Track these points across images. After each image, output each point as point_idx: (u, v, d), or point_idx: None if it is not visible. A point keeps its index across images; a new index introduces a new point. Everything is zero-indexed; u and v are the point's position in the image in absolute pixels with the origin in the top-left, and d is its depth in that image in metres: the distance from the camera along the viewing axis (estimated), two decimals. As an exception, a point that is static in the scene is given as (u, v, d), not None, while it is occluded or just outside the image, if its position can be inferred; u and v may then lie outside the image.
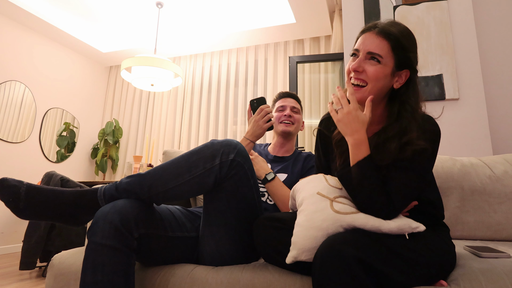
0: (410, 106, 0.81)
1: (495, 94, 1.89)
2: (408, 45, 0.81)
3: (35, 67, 3.71)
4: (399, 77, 0.83)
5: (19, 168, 3.48)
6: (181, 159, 0.90)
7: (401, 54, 0.80)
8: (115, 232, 0.78)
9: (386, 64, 0.80)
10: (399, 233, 0.71)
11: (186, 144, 4.02)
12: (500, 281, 0.69)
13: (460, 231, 1.27)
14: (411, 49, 0.82)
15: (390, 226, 0.71)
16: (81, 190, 0.87)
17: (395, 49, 0.80)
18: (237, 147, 0.92)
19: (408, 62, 0.82)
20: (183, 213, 1.04)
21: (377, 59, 0.80)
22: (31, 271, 2.48)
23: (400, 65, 0.81)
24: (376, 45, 0.80)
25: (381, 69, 0.80)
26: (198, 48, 4.07)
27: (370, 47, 0.81)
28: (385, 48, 0.80)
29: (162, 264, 0.95)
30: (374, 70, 0.80)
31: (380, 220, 0.71)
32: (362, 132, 0.78)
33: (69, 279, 0.97)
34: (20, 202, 0.81)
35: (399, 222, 0.72)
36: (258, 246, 0.86)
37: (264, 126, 1.21)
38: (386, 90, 0.84)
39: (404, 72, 0.82)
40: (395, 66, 0.81)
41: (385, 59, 0.80)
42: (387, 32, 0.80)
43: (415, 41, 0.84)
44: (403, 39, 0.80)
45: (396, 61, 0.80)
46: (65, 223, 0.87)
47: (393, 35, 0.80)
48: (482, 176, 1.30)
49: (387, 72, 0.81)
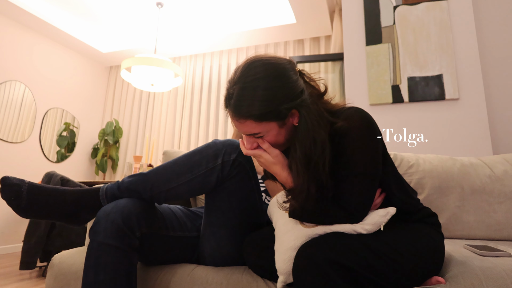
0: (306, 141, 0.72)
1: (495, 94, 1.89)
2: (270, 105, 0.69)
3: (35, 67, 3.71)
4: (292, 118, 0.75)
5: (19, 168, 3.48)
6: (183, 158, 0.90)
7: (272, 116, 0.70)
8: (117, 231, 0.78)
9: (269, 130, 0.73)
10: (375, 228, 0.70)
11: (186, 144, 4.02)
12: (501, 280, 0.70)
13: (460, 230, 1.27)
14: (277, 102, 0.70)
15: (364, 225, 0.70)
16: (82, 189, 0.88)
17: (263, 119, 0.70)
18: (239, 147, 0.93)
19: (285, 111, 0.71)
20: (184, 213, 1.05)
21: (259, 136, 0.75)
22: (31, 271, 2.48)
23: (280, 118, 0.71)
24: (245, 129, 0.74)
25: (268, 136, 0.74)
26: (198, 48, 4.07)
27: (242, 131, 0.75)
28: (253, 125, 0.72)
29: (163, 264, 0.95)
30: (265, 142, 0.76)
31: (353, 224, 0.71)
32: (282, 171, 0.77)
33: (69, 279, 0.97)
34: (22, 200, 0.81)
35: (368, 219, 0.71)
36: (251, 268, 0.86)
37: None
38: (290, 134, 0.77)
39: (293, 111, 0.73)
40: (278, 122, 0.72)
41: (263, 130, 0.73)
42: (241, 114, 0.71)
43: (278, 82, 0.70)
44: (260, 108, 0.69)
45: (275, 120, 0.71)
46: (67, 222, 0.87)
47: (248, 113, 0.70)
48: (482, 176, 1.30)
49: (276, 132, 0.74)
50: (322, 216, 0.73)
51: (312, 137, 0.71)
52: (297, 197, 0.73)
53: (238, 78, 0.72)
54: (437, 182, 1.30)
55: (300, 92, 0.72)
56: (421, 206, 0.84)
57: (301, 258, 0.66)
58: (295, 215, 0.76)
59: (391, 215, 0.70)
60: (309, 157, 0.71)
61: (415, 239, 0.73)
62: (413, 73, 1.93)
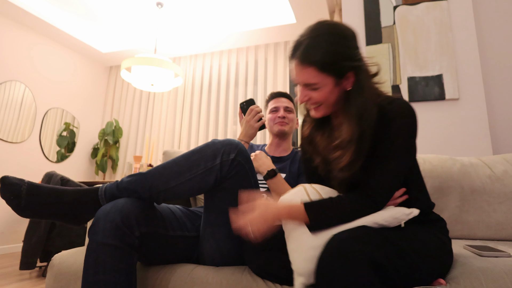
0: (356, 104, 0.78)
1: (495, 94, 1.89)
2: (334, 56, 0.76)
3: (35, 67, 3.71)
4: (346, 81, 0.80)
5: (19, 168, 3.48)
6: (182, 158, 0.90)
7: (332, 69, 0.77)
8: (116, 230, 0.78)
9: (326, 84, 0.79)
10: (395, 222, 0.70)
11: (186, 144, 4.02)
12: (500, 280, 0.70)
13: (460, 230, 1.27)
14: (341, 57, 0.77)
15: (384, 216, 0.70)
16: (82, 189, 0.88)
17: (324, 69, 0.77)
18: (238, 146, 0.93)
19: (346, 68, 0.77)
20: (184, 213, 1.04)
21: (315, 87, 0.79)
22: (31, 271, 2.48)
23: (339, 75, 0.78)
24: (305, 76, 0.79)
25: (323, 91, 0.79)
26: (198, 48, 4.07)
27: (301, 79, 0.80)
28: (314, 74, 0.78)
29: (163, 264, 0.95)
30: (318, 95, 0.80)
31: (372, 215, 0.71)
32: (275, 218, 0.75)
33: (69, 279, 0.97)
34: (21, 200, 0.81)
35: (391, 211, 0.71)
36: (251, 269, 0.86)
37: (255, 125, 1.22)
38: (343, 96, 0.82)
39: (349, 74, 0.79)
40: (335, 78, 0.78)
41: (321, 82, 0.78)
42: (307, 59, 0.77)
43: (344, 41, 0.78)
44: (326, 56, 0.76)
45: (333, 75, 0.78)
46: (66, 222, 0.87)
47: (314, 59, 0.76)
48: (482, 176, 1.30)
49: (331, 88, 0.79)
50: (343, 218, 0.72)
51: (365, 101, 0.77)
52: (346, 147, 0.75)
53: (309, 31, 0.80)
54: (437, 182, 1.30)
55: (359, 59, 0.79)
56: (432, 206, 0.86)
57: (335, 253, 0.60)
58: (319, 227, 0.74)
59: (413, 215, 0.71)
60: (360, 116, 0.76)
61: (428, 240, 0.73)
62: (413, 73, 1.93)
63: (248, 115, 1.23)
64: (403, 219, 0.70)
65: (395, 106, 0.77)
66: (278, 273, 0.80)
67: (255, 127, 1.22)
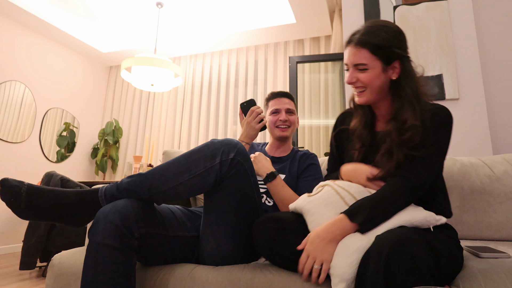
0: (408, 90, 0.87)
1: (495, 94, 1.89)
2: (387, 42, 0.86)
3: (35, 67, 3.71)
4: (393, 70, 0.89)
5: (19, 168, 3.48)
6: (181, 158, 0.90)
7: (382, 53, 0.86)
8: (116, 232, 0.78)
9: (374, 67, 0.87)
10: (426, 224, 0.73)
11: (186, 144, 4.02)
12: (499, 281, 0.69)
13: (460, 231, 1.27)
14: (392, 44, 0.87)
15: (418, 218, 0.73)
16: (81, 191, 0.88)
17: (375, 52, 0.86)
18: (237, 146, 0.93)
19: (394, 55, 0.87)
20: (184, 213, 1.05)
21: (364, 67, 0.88)
22: (31, 271, 2.48)
23: (387, 61, 0.87)
24: (357, 57, 0.88)
25: (370, 73, 0.88)
26: (198, 48, 4.07)
27: (353, 59, 0.89)
28: (365, 55, 0.87)
29: (163, 264, 0.95)
30: (365, 76, 0.88)
31: (409, 214, 0.74)
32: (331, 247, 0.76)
33: (69, 279, 0.97)
34: (21, 202, 0.81)
35: (425, 213, 0.74)
36: (258, 248, 0.86)
37: (256, 126, 1.21)
38: (386, 85, 0.90)
39: (396, 63, 0.88)
40: (383, 64, 0.87)
41: (370, 64, 0.87)
42: (362, 41, 0.87)
43: (396, 34, 0.89)
44: (379, 41, 0.86)
45: (382, 60, 0.87)
46: (66, 224, 0.87)
47: (368, 42, 0.87)
48: (482, 176, 1.30)
49: (378, 72, 0.88)
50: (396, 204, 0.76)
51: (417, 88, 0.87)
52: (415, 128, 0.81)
53: (366, 24, 0.91)
54: (437, 182, 1.30)
55: (406, 52, 0.89)
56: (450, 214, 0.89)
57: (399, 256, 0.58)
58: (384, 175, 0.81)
59: (441, 223, 0.75)
60: (417, 98, 0.86)
61: (451, 246, 0.75)
62: (413, 73, 1.92)
63: (249, 116, 1.22)
64: (433, 224, 0.73)
65: (446, 114, 0.86)
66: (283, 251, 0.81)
67: (256, 129, 1.21)
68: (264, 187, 1.28)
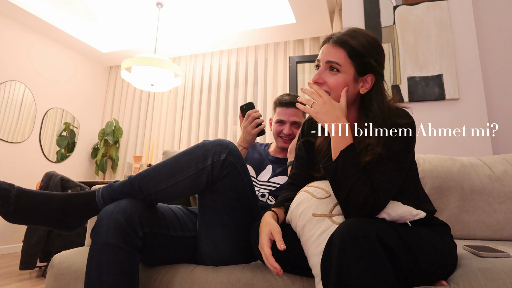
0: (377, 109, 0.81)
1: (495, 94, 1.89)
2: (366, 50, 0.81)
3: (35, 67, 3.71)
4: (364, 82, 0.83)
5: (19, 168, 3.48)
6: (172, 160, 0.90)
7: (359, 60, 0.81)
8: (120, 231, 0.77)
9: (346, 72, 0.81)
10: (401, 220, 0.72)
11: (186, 144, 4.02)
12: (500, 280, 0.70)
13: (460, 230, 1.27)
14: (370, 55, 0.81)
15: (391, 215, 0.72)
16: (70, 194, 0.86)
17: (352, 55, 0.81)
18: (228, 146, 0.92)
19: (369, 67, 0.82)
20: (185, 213, 1.05)
21: (336, 68, 0.81)
22: (31, 271, 2.48)
23: (361, 71, 0.82)
24: (332, 54, 0.82)
25: (341, 78, 0.81)
26: (198, 48, 4.07)
27: (327, 56, 0.83)
28: (341, 56, 0.81)
29: (163, 264, 0.95)
30: (334, 80, 0.82)
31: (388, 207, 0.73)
32: (343, 118, 0.77)
33: (69, 279, 0.97)
34: (9, 206, 0.79)
35: (400, 210, 0.73)
36: (255, 251, 0.86)
37: (253, 132, 1.19)
38: (352, 97, 0.84)
39: (369, 77, 0.83)
40: (356, 73, 0.82)
41: (344, 66, 0.81)
42: (341, 41, 0.82)
43: (377, 47, 0.84)
44: (359, 45, 0.81)
45: (356, 67, 0.81)
46: (55, 228, 0.85)
47: (348, 43, 0.81)
48: (482, 176, 1.30)
49: (348, 80, 0.82)
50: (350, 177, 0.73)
51: (383, 106, 0.81)
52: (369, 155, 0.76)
53: (353, 27, 0.86)
54: (437, 182, 1.30)
55: (382, 69, 0.85)
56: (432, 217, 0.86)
57: (349, 232, 0.62)
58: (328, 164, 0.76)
59: (419, 217, 0.73)
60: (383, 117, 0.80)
61: (434, 240, 0.74)
62: (413, 73, 1.93)
63: (245, 121, 1.19)
64: (409, 219, 0.72)
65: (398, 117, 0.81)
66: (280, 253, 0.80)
67: (253, 134, 1.19)
68: (257, 185, 1.26)
